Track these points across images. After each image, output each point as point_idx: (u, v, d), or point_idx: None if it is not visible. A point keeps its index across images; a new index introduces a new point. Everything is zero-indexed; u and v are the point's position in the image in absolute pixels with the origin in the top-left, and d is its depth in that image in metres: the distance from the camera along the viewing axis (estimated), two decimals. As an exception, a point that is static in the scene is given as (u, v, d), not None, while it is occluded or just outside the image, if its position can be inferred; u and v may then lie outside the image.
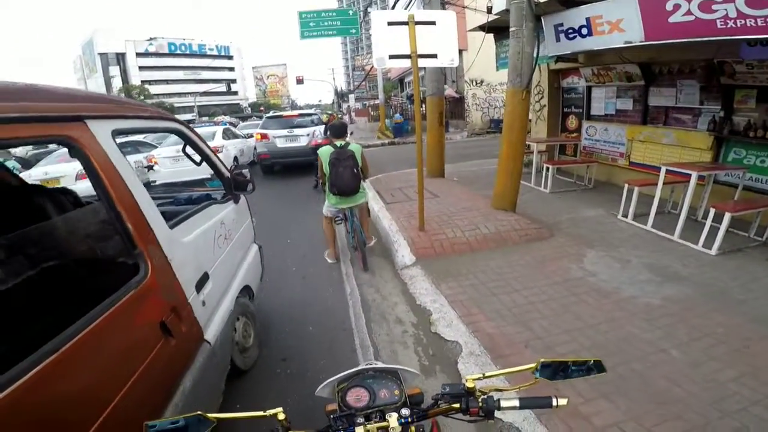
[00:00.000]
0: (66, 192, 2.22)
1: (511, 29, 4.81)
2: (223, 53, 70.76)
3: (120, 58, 59.16)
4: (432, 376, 2.70)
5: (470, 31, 9.84)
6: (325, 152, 4.06)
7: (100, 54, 57.68)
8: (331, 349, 3.06)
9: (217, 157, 2.65)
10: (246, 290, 2.84)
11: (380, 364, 1.20)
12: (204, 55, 67.14)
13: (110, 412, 1.23)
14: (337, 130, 4.24)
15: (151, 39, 61.62)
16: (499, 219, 5.05)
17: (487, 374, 1.02)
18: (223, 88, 47.02)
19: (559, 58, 6.66)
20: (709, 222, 4.12)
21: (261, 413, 0.94)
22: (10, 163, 9.58)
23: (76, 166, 7.44)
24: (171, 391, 1.63)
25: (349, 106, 36.19)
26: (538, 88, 8.28)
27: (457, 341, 2.89)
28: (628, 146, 6.70)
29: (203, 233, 2.18)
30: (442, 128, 7.75)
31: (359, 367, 1.10)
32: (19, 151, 11.34)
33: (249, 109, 59.31)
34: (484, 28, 7.49)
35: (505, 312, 3.21)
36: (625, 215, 5.16)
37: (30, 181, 2.94)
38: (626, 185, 5.18)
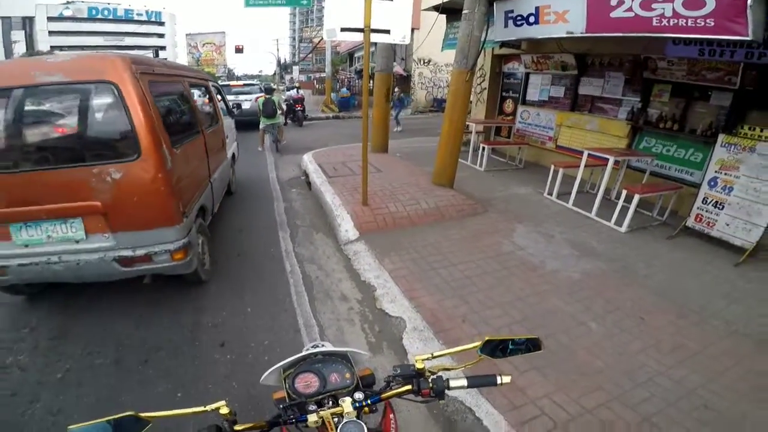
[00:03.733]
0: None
1: (464, 11, 4.88)
2: (153, 19, 65.57)
3: (26, 21, 52.33)
4: (380, 353, 2.75)
5: (424, 10, 9.83)
6: (261, 100, 9.01)
7: (2, 18, 50.43)
8: (273, 329, 2.99)
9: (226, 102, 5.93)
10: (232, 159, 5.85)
11: (328, 347, 1.18)
12: (130, 21, 61.92)
13: (195, 175, 3.43)
14: (268, 91, 9.34)
15: (67, 2, 55.02)
16: (438, 195, 5.22)
17: (435, 354, 1.03)
18: (150, 54, 42.68)
19: (504, 44, 6.93)
20: (621, 202, 4.62)
21: (201, 408, 0.88)
22: None
23: None
24: (210, 173, 3.99)
25: (292, 77, 34.66)
26: (480, 71, 8.53)
27: (401, 317, 2.97)
28: (557, 131, 7.20)
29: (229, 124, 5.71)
30: (388, 105, 7.73)
31: (305, 352, 1.05)
32: None
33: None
34: (438, 8, 7.48)
35: (444, 286, 3.36)
36: (550, 194, 5.60)
37: None
38: (552, 166, 5.59)
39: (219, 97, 5.35)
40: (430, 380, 0.97)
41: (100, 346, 2.78)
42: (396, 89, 19.58)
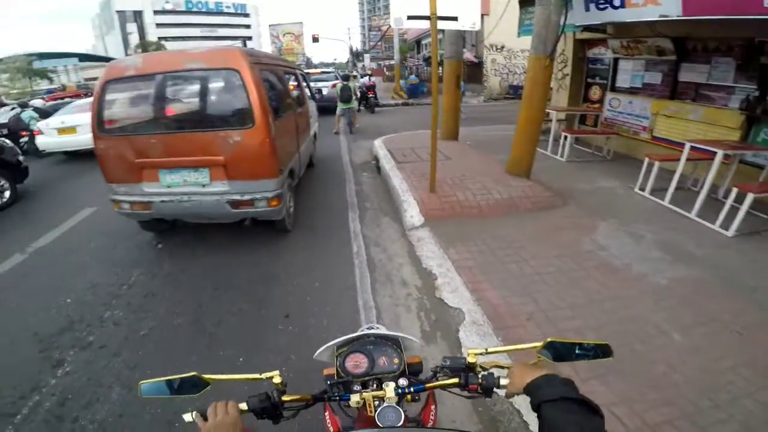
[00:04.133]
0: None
1: (539, -4, 4.53)
2: (239, 11, 72.02)
3: (137, 15, 60.76)
4: (432, 343, 2.69)
5: (495, -5, 9.37)
6: (339, 86, 10.01)
7: (118, 12, 59.49)
8: (334, 307, 3.08)
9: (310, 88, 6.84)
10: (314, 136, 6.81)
11: (382, 330, 1.18)
12: (220, 13, 68.89)
13: (288, 144, 4.26)
14: (345, 78, 11.53)
15: (167, -3, 61.85)
16: (513, 185, 4.95)
17: (490, 350, 0.98)
18: (239, 44, 46.22)
19: (586, 28, 6.36)
20: (729, 202, 3.99)
21: (257, 375, 0.93)
22: (27, 113, 9.88)
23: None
24: (298, 145, 4.79)
25: (363, 65, 35.17)
26: (561, 56, 7.99)
27: (461, 308, 2.87)
28: (653, 120, 6.43)
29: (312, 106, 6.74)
30: (458, 91, 7.51)
31: (360, 332, 1.06)
32: (38, 102, 11.84)
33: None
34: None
35: (512, 282, 3.18)
36: (643, 189, 5.03)
37: (47, 129, 8.17)
38: (647, 159, 5.01)
39: (304, 83, 6.23)
40: (480, 376, 0.92)
41: (182, 307, 3.09)
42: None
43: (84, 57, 42.27)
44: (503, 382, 0.88)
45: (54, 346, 2.67)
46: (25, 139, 9.16)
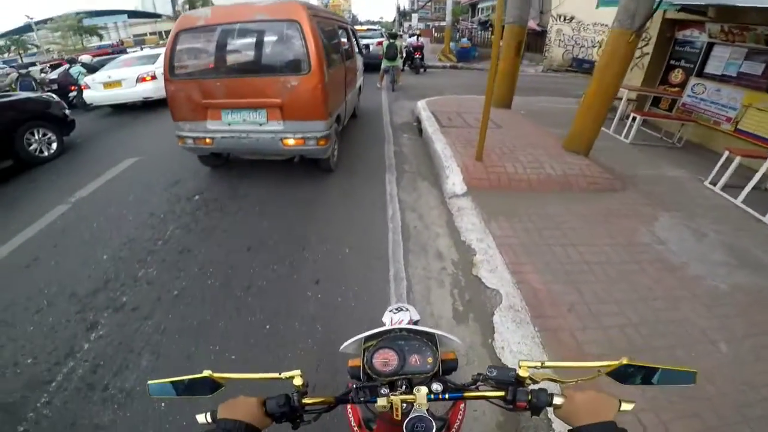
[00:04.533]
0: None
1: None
2: None
3: None
4: (464, 324, 2.53)
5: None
6: (385, 43, 9.97)
7: None
8: (364, 275, 2.95)
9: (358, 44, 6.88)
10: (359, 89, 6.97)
11: (412, 312, 1.12)
12: None
13: (337, 91, 4.49)
14: (392, 36, 10.50)
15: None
16: (569, 161, 4.56)
17: (546, 364, 0.82)
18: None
19: (683, 8, 5.79)
20: (819, 209, 3.48)
21: (276, 375, 0.84)
22: (76, 69, 10.02)
23: (137, 70, 8.41)
24: (345, 94, 5.06)
25: (410, 25, 33.80)
26: (645, 34, 7.20)
27: (498, 290, 2.67)
28: (741, 112, 5.69)
29: (360, 60, 6.95)
30: (518, 59, 6.92)
31: (391, 326, 0.93)
32: (84, 58, 12.08)
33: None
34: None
35: (556, 266, 2.93)
36: (714, 183, 4.50)
37: (93, 84, 8.51)
38: (726, 152, 4.45)
39: (354, 39, 6.49)
40: (530, 392, 0.79)
41: (214, 266, 3.04)
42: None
43: (132, 14, 42.35)
44: (557, 401, 0.76)
45: (89, 308, 2.65)
46: (74, 93, 9.39)
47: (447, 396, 0.81)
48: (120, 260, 3.14)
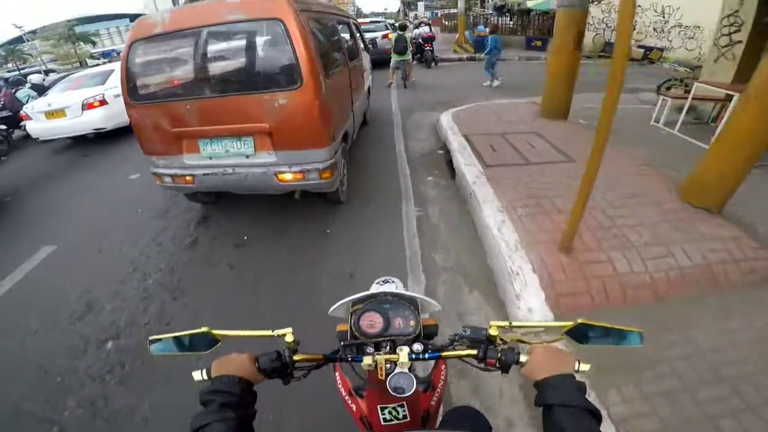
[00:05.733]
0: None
1: None
2: None
3: None
4: None
5: None
6: (393, 36, 9.13)
7: None
8: None
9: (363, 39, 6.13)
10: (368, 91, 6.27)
11: (398, 285, 1.30)
12: None
13: (341, 104, 3.77)
14: (401, 28, 9.15)
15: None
16: (702, 231, 2.81)
17: (514, 324, 0.89)
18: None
19: None
20: None
21: (269, 332, 0.89)
22: (24, 92, 8.60)
23: (83, 94, 6.71)
24: (352, 103, 4.34)
25: (416, 14, 31.96)
26: (731, 18, 5.71)
27: None
28: None
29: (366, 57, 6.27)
30: (579, 53, 5.14)
31: (377, 290, 1.00)
32: (35, 77, 10.78)
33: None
34: None
35: None
36: None
37: (34, 113, 6.77)
38: None
39: (358, 33, 5.57)
40: (499, 350, 0.85)
41: None
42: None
43: (135, 18, 41.61)
44: (523, 358, 0.82)
45: None
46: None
47: (427, 356, 0.86)
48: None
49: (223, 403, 0.72)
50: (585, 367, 0.78)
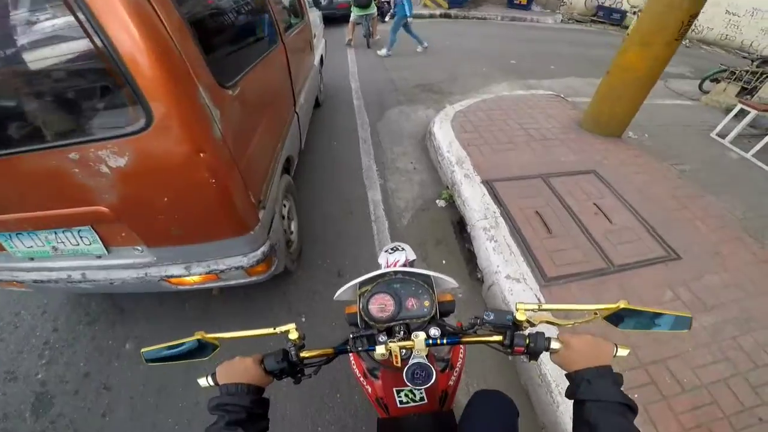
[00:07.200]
0: None
1: None
2: None
3: None
4: None
5: None
6: None
7: None
8: None
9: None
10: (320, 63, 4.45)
11: (408, 252, 1.18)
12: None
13: (272, 118, 2.09)
14: None
15: None
16: None
17: (543, 306, 0.78)
18: None
19: None
20: None
21: (271, 330, 0.79)
22: None
23: None
24: (296, 98, 2.74)
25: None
26: None
27: None
28: None
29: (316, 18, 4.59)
30: (677, 45, 3.25)
31: (385, 270, 0.88)
32: None
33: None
34: None
35: None
36: None
37: None
38: None
39: None
40: (527, 335, 0.76)
41: None
42: None
43: None
44: (554, 345, 0.74)
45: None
46: None
47: (445, 341, 0.78)
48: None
49: (230, 421, 0.67)
50: (624, 352, 0.72)
